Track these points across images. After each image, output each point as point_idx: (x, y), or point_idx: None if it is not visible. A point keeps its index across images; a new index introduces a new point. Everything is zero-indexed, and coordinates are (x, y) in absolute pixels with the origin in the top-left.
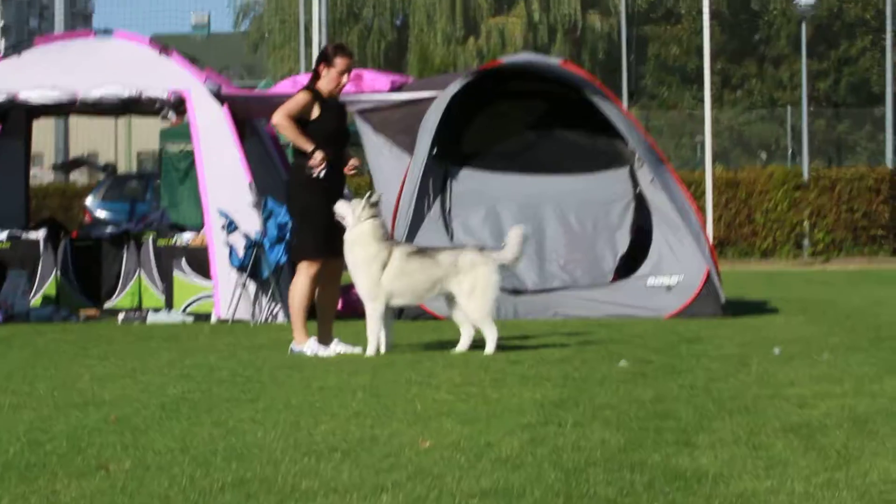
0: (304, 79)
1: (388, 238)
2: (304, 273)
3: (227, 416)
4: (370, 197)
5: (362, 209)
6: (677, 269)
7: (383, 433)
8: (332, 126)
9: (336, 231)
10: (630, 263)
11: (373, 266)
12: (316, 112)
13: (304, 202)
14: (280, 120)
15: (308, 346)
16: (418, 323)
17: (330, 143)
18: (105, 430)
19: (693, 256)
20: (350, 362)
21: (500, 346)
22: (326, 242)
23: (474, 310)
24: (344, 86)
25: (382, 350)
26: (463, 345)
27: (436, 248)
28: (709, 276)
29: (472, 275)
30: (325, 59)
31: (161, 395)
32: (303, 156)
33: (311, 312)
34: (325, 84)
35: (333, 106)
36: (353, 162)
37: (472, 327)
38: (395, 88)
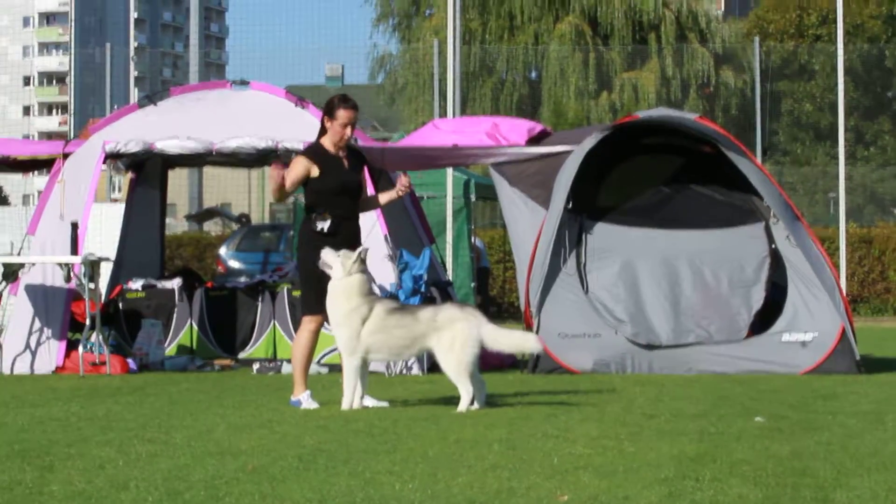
0: (442, 122)
1: (371, 293)
2: (306, 328)
3: (364, 468)
4: (362, 252)
5: (353, 262)
6: (812, 325)
7: (521, 486)
8: (335, 181)
9: None
10: (765, 319)
11: (353, 319)
12: (316, 171)
13: (307, 260)
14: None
15: (304, 397)
16: (553, 377)
17: (334, 197)
18: (243, 480)
19: (828, 313)
20: (486, 415)
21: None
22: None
23: (450, 365)
24: (348, 139)
25: (356, 405)
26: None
27: (417, 305)
28: (844, 333)
29: (451, 330)
30: (329, 111)
31: (297, 445)
32: (309, 215)
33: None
34: (328, 138)
35: (340, 158)
36: (404, 180)
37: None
38: (534, 136)
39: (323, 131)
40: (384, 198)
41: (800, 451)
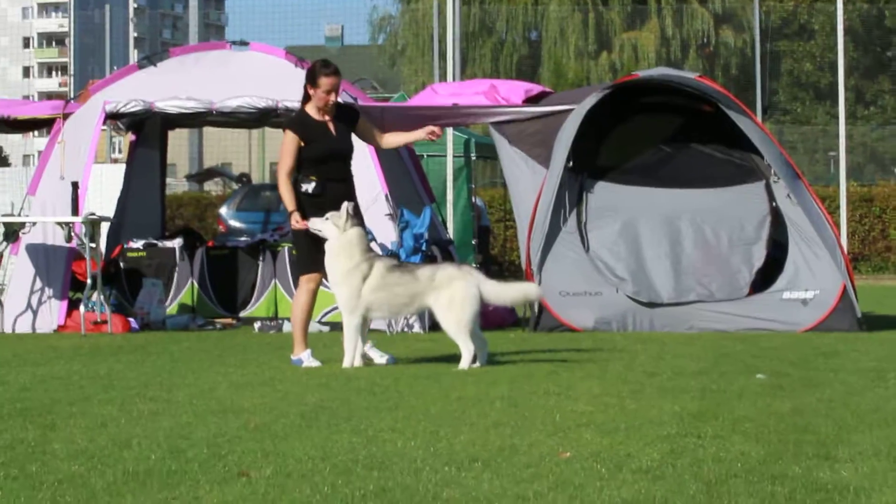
0: (440, 87)
1: (370, 250)
2: (304, 287)
3: (366, 425)
4: (349, 208)
5: (345, 220)
6: (813, 283)
7: (523, 443)
8: (321, 149)
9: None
10: (766, 277)
11: (353, 277)
12: (302, 142)
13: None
14: (280, 186)
15: (305, 356)
16: (554, 335)
17: (321, 164)
18: (245, 438)
19: (829, 271)
20: (488, 373)
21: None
22: (322, 258)
23: (450, 323)
24: (332, 104)
25: (357, 363)
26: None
27: (416, 263)
28: (845, 291)
29: (449, 289)
30: (311, 79)
31: (300, 403)
32: (295, 177)
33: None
34: (312, 104)
35: (325, 124)
36: (430, 128)
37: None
38: (532, 97)
39: (307, 98)
40: (408, 136)
41: (801, 408)
